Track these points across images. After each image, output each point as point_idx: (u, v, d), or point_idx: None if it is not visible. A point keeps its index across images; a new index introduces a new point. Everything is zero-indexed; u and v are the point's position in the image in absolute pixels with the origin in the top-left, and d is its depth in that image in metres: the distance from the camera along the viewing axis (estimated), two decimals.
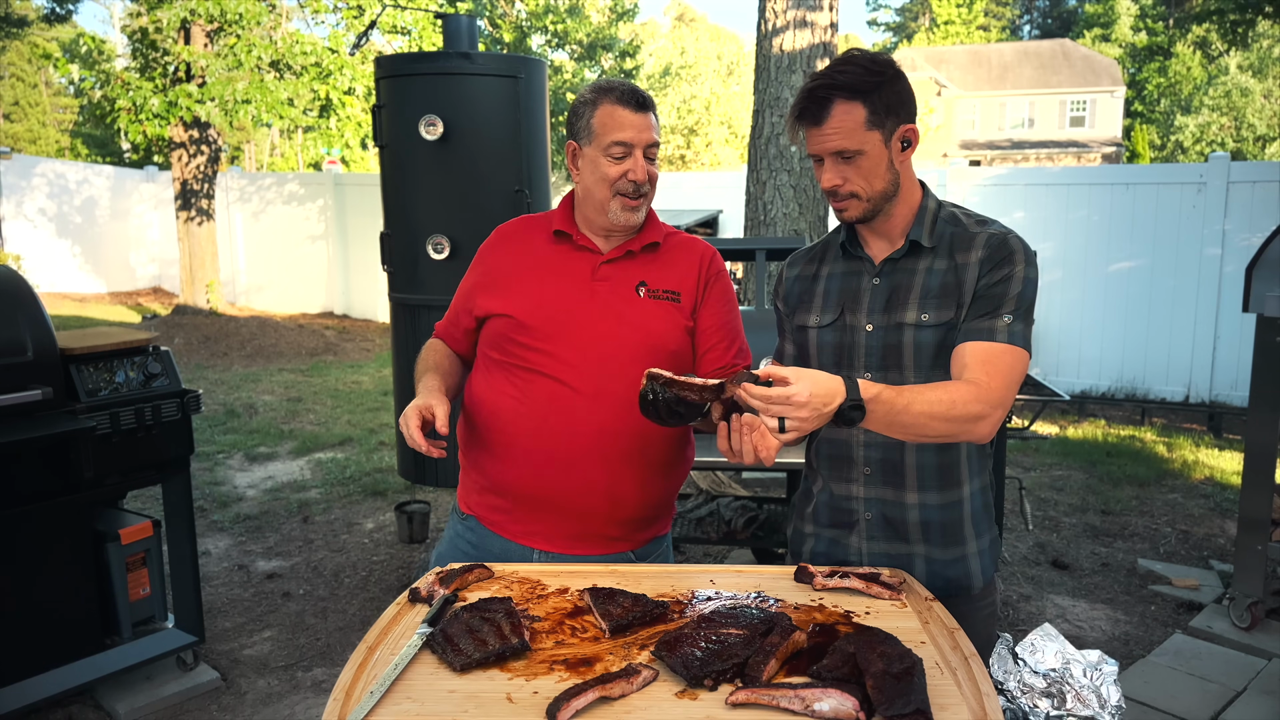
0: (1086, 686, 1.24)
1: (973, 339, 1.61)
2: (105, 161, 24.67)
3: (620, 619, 1.45)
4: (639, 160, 1.81)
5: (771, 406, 1.41)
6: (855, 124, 1.59)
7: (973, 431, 1.55)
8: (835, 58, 1.66)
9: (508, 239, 1.97)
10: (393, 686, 1.29)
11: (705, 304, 1.90)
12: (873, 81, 1.59)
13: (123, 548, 3.16)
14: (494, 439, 1.86)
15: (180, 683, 3.27)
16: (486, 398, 1.88)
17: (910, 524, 1.72)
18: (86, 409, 2.89)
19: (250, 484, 5.81)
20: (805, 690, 1.21)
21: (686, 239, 1.97)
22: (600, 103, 1.81)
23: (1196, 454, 6.72)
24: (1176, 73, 34.16)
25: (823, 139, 1.62)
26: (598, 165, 1.82)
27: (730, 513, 4.09)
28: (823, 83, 1.60)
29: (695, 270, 1.91)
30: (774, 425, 1.42)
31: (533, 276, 1.87)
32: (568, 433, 1.79)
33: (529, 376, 1.82)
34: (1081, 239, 8.85)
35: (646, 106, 1.82)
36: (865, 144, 1.61)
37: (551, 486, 1.81)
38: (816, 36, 5.63)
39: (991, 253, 1.64)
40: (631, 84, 1.84)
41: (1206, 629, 3.80)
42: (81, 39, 11.56)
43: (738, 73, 32.66)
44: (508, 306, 1.85)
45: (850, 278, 1.75)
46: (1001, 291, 1.62)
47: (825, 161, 1.64)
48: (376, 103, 3.90)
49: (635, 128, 1.80)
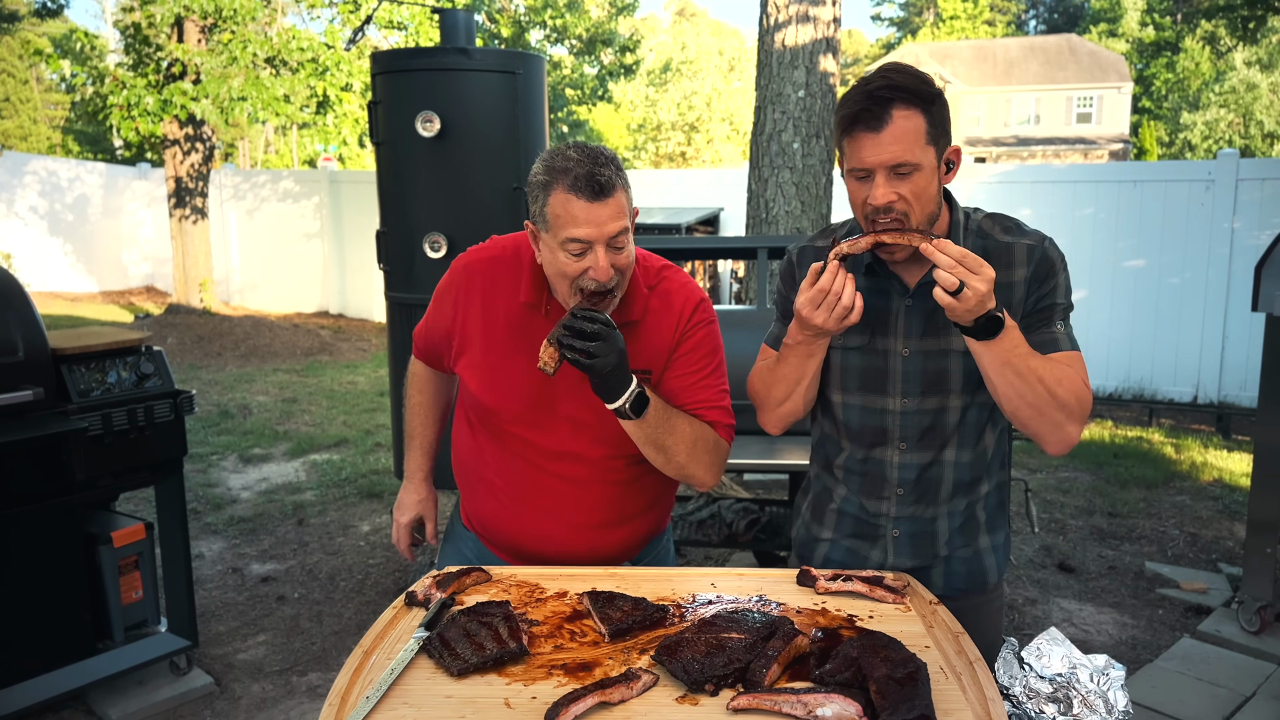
0: (1093, 692, 1.24)
1: (1045, 353, 1.59)
2: (97, 159, 24.68)
3: (620, 623, 1.45)
4: (599, 257, 1.58)
5: (959, 268, 1.41)
6: (917, 134, 1.48)
7: (1061, 426, 1.54)
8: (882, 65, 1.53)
9: (476, 288, 1.79)
10: (389, 691, 1.29)
11: (672, 365, 1.75)
12: (931, 92, 1.50)
13: (115, 550, 3.16)
14: (479, 490, 1.88)
15: (173, 688, 3.27)
16: (471, 449, 1.88)
17: (939, 534, 1.74)
18: (78, 410, 2.89)
19: (244, 486, 5.81)
20: (808, 695, 1.21)
21: (673, 288, 1.78)
22: (553, 188, 1.58)
23: (1205, 455, 6.72)
24: (1185, 68, 34.17)
25: (880, 147, 1.48)
26: (556, 258, 1.61)
27: (732, 515, 4.09)
28: (883, 84, 1.47)
29: (670, 335, 1.75)
30: (952, 282, 1.41)
31: (499, 350, 1.76)
32: (544, 508, 1.80)
33: (505, 454, 1.82)
34: (1088, 237, 8.85)
35: (605, 192, 1.56)
36: (924, 159, 1.49)
37: (535, 548, 1.83)
38: (819, 31, 5.63)
39: (1036, 268, 1.61)
40: (590, 163, 1.57)
41: (1215, 633, 3.80)
42: (73, 35, 11.56)
43: (739, 68, 32.67)
44: (477, 388, 1.79)
45: (877, 296, 1.66)
46: (1050, 303, 1.62)
47: (876, 176, 1.50)
48: (373, 99, 3.90)
49: (593, 223, 1.56)
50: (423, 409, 2.05)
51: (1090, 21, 41.34)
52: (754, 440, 3.60)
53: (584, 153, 1.59)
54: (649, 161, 29.47)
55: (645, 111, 30.30)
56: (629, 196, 1.63)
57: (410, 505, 2.05)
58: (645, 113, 30.29)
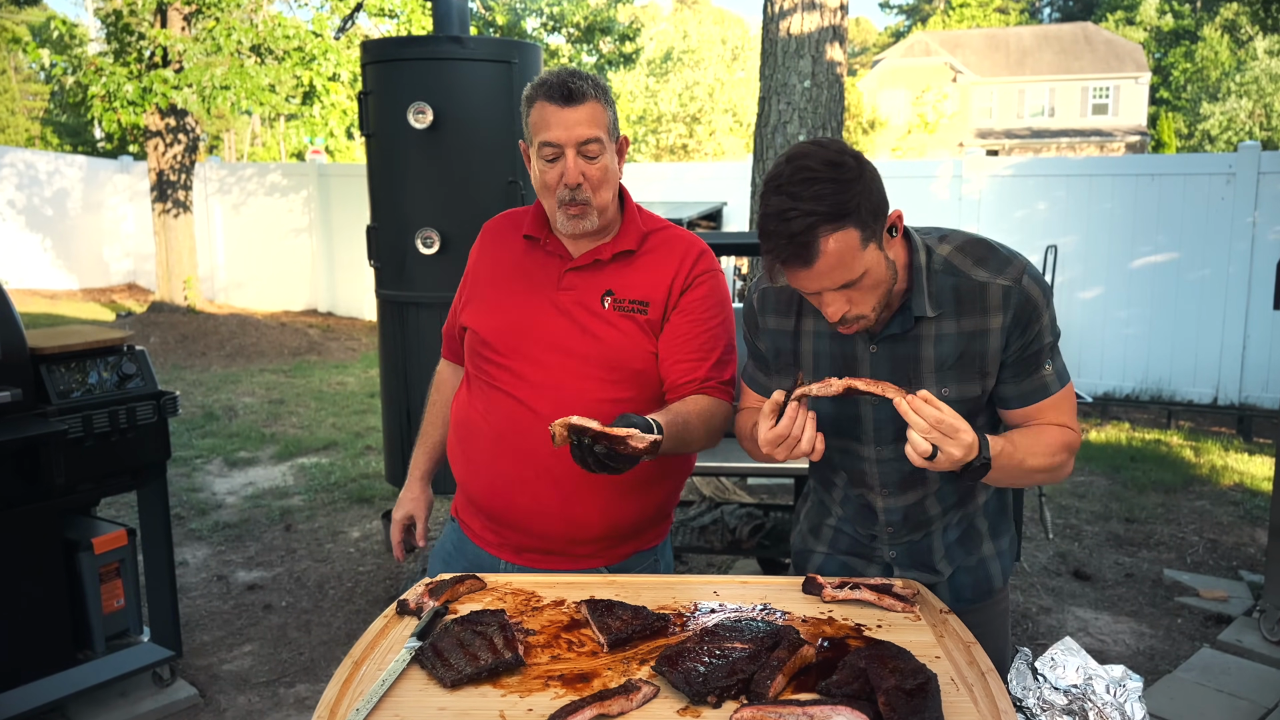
0: (1110, 704, 1.24)
1: (1030, 402, 1.62)
2: (77, 151, 24.66)
3: (619, 632, 1.45)
4: (570, 162, 1.72)
5: (933, 433, 1.41)
6: (851, 251, 1.42)
7: (1061, 473, 1.63)
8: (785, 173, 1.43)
9: (489, 239, 1.98)
10: (380, 703, 1.29)
11: (678, 309, 1.82)
12: (853, 198, 1.40)
13: (96, 557, 3.16)
14: (467, 450, 1.91)
15: (156, 699, 3.27)
16: (462, 410, 1.94)
17: (934, 549, 1.75)
18: (58, 411, 2.89)
19: (230, 490, 5.81)
20: (814, 708, 1.21)
21: (674, 236, 1.89)
22: (534, 99, 1.74)
23: (1225, 458, 6.72)
24: (1204, 58, 34.18)
25: (819, 278, 1.44)
26: (538, 170, 1.77)
27: (735, 521, 4.09)
28: (801, 221, 1.39)
29: (671, 273, 1.82)
30: (926, 449, 1.41)
31: (501, 286, 1.88)
32: (522, 453, 1.80)
33: (493, 393, 1.85)
34: (1104, 233, 8.85)
35: (575, 98, 1.70)
36: (865, 264, 1.44)
37: (509, 505, 1.84)
38: (826, 19, 5.63)
39: (1016, 315, 1.55)
40: (567, 73, 1.73)
41: (1236, 643, 3.80)
42: (52, 22, 11.57)
43: (743, 58, 32.67)
44: (474, 321, 1.89)
45: (842, 341, 1.64)
46: (1037, 349, 1.60)
47: (822, 295, 1.49)
48: (363, 89, 3.90)
49: (562, 125, 1.70)
50: (437, 407, 2.11)
51: (1106, 9, 41.37)
52: None
53: (565, 69, 1.77)
54: (649, 154, 29.51)
55: (645, 103, 30.32)
56: (609, 114, 1.76)
57: (404, 502, 2.10)
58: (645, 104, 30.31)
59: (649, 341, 1.82)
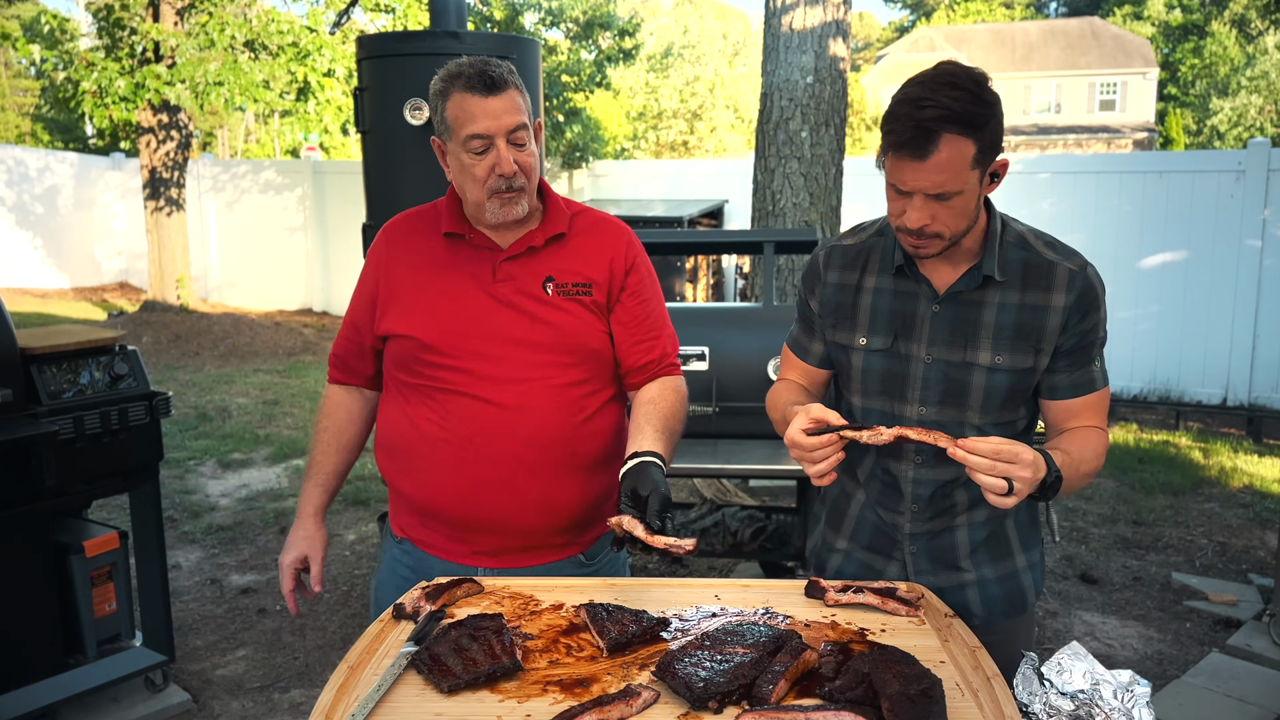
0: (1117, 709, 1.24)
1: (1080, 394, 1.66)
2: (68, 148, 24.64)
3: (619, 637, 1.45)
4: (502, 152, 1.71)
5: (999, 464, 1.44)
6: (963, 162, 1.48)
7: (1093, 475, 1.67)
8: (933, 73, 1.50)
9: (395, 243, 1.91)
10: (375, 709, 1.29)
11: (626, 292, 1.87)
12: (985, 115, 1.47)
13: (87, 560, 3.15)
14: (418, 465, 1.84)
15: (149, 705, 3.27)
16: (403, 423, 1.86)
17: (958, 547, 1.74)
18: (48, 412, 2.89)
19: (223, 492, 5.81)
20: (817, 713, 1.21)
21: (597, 219, 1.92)
22: (450, 93, 1.72)
23: (1235, 460, 6.72)
24: (1213, 53, 34.16)
25: (923, 175, 1.49)
26: (462, 162, 1.74)
27: (737, 523, 4.09)
28: (933, 112, 1.45)
29: (609, 255, 1.86)
30: (1000, 485, 1.44)
31: (430, 287, 1.83)
32: (494, 452, 1.78)
33: (445, 397, 1.81)
34: (1112, 231, 8.85)
35: (498, 86, 1.70)
36: (967, 183, 1.50)
37: (486, 509, 1.81)
38: (828, 14, 5.63)
39: (1079, 298, 1.61)
40: (482, 62, 1.72)
41: (1245, 647, 3.80)
42: (43, 17, 11.55)
43: (744, 53, 32.65)
44: (408, 327, 1.82)
45: (904, 299, 1.69)
46: (1092, 339, 1.65)
47: (914, 198, 1.52)
48: (358, 85, 3.90)
49: (490, 115, 1.69)
50: (329, 434, 1.98)
51: (1114, 3, 41.35)
52: (760, 445, 3.60)
53: (475, 58, 1.75)
54: (649, 151, 29.50)
55: (645, 99, 30.31)
56: (526, 99, 1.76)
57: (295, 543, 1.94)
58: (645, 100, 30.30)
59: (599, 322, 1.84)
